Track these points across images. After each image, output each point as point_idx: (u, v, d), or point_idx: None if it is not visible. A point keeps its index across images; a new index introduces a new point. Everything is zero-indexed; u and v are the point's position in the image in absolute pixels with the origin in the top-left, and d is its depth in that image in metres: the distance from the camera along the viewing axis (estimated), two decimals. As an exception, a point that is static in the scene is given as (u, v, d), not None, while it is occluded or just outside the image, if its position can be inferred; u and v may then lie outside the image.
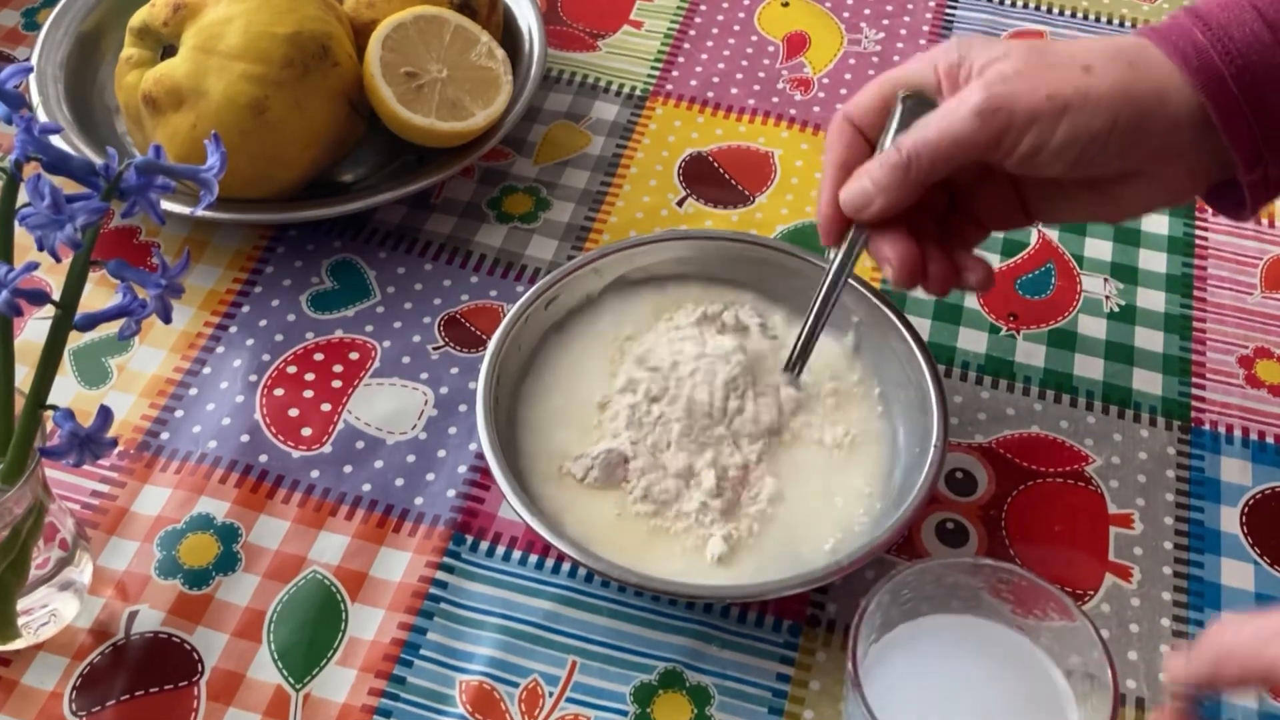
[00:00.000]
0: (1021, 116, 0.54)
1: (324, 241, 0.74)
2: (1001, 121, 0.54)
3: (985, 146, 0.55)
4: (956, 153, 0.55)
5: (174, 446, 0.64)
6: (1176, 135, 0.54)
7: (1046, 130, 0.54)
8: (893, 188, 0.56)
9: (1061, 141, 0.54)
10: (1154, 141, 0.54)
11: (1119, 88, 0.54)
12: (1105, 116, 0.53)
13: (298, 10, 0.70)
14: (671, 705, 0.56)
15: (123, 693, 0.56)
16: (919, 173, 0.56)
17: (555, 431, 0.62)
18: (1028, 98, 0.54)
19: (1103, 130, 0.54)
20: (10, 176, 0.50)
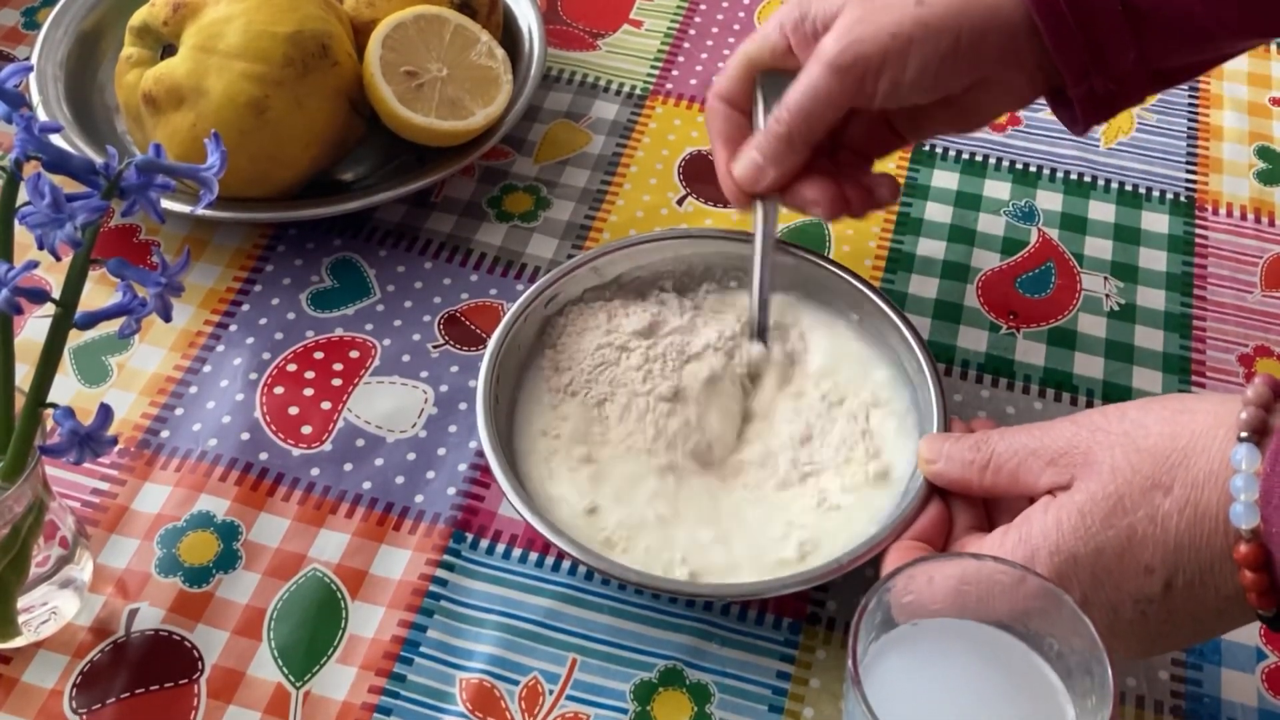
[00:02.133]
0: (874, 61, 0.58)
1: (324, 240, 0.74)
2: (859, 71, 0.58)
3: (850, 95, 0.59)
4: (828, 110, 0.60)
5: (174, 444, 0.65)
6: (1013, 43, 0.57)
7: (898, 67, 0.57)
8: (781, 156, 0.61)
9: (915, 73, 0.57)
10: (994, 51, 0.58)
11: (953, 8, 0.57)
12: (948, 39, 0.57)
13: (298, 9, 0.70)
14: (672, 703, 0.57)
15: (123, 690, 0.56)
16: (800, 137, 0.61)
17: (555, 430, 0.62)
18: (874, 41, 0.57)
19: (949, 52, 0.57)
20: (10, 175, 0.50)
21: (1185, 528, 0.47)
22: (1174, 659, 0.58)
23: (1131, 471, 0.48)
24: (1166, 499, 0.47)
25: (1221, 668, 0.58)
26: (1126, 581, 0.48)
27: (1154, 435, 0.48)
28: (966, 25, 0.57)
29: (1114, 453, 0.49)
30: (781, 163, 0.61)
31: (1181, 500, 0.47)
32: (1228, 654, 0.59)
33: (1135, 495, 0.48)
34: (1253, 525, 0.45)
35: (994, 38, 0.57)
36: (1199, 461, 0.47)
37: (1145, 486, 0.48)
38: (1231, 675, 0.58)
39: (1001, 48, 0.57)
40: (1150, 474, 0.48)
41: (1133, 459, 0.48)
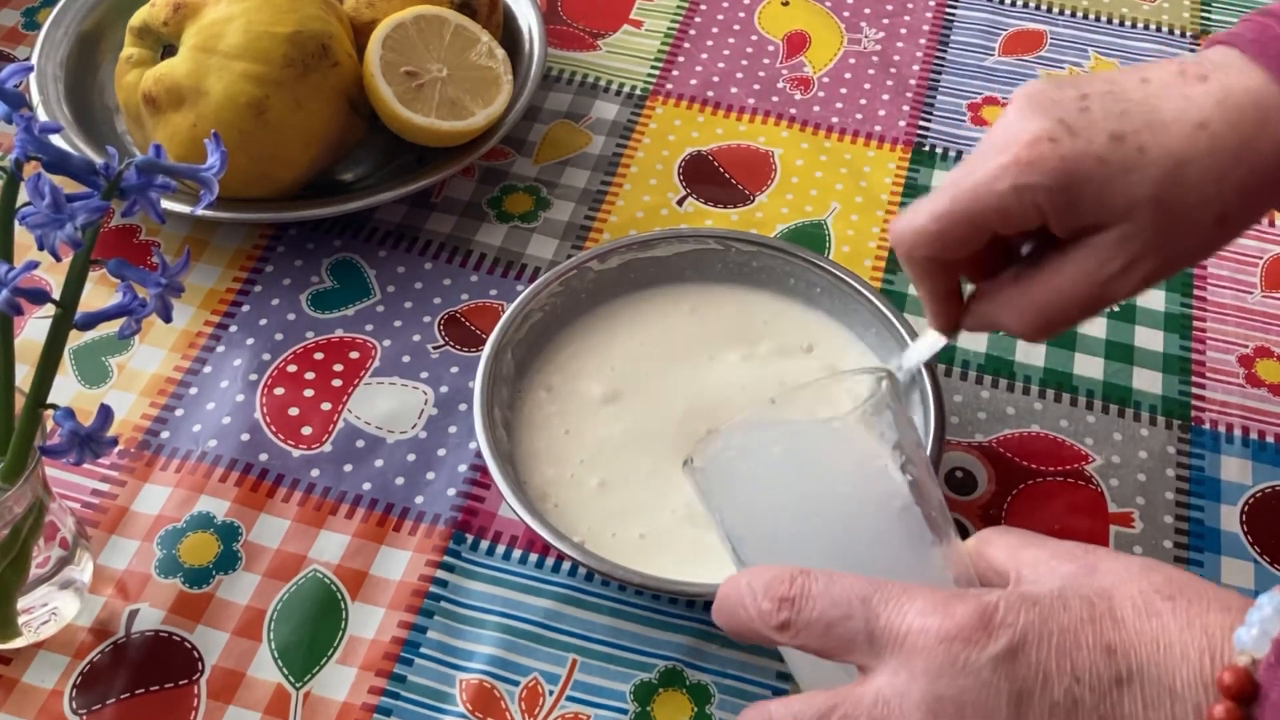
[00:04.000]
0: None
1: (324, 240, 0.74)
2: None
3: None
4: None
5: (174, 445, 0.65)
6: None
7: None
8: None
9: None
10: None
11: (1240, 168, 0.50)
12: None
13: (298, 10, 0.70)
14: (672, 704, 0.57)
15: (123, 691, 0.56)
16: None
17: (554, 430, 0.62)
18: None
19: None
20: (10, 175, 0.50)
21: None
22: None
23: None
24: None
25: (1222, 668, 0.58)
26: None
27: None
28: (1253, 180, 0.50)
29: None
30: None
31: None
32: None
33: None
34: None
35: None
36: None
37: None
38: (1232, 676, 0.58)
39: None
40: None
41: None
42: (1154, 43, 0.88)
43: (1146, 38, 0.88)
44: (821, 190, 0.78)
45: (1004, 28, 0.89)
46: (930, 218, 0.52)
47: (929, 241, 0.53)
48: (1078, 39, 0.88)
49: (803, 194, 0.77)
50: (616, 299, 0.67)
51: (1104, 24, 0.89)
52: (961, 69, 0.86)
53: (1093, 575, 0.43)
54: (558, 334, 0.66)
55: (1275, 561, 0.62)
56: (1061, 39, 0.88)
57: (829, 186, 0.78)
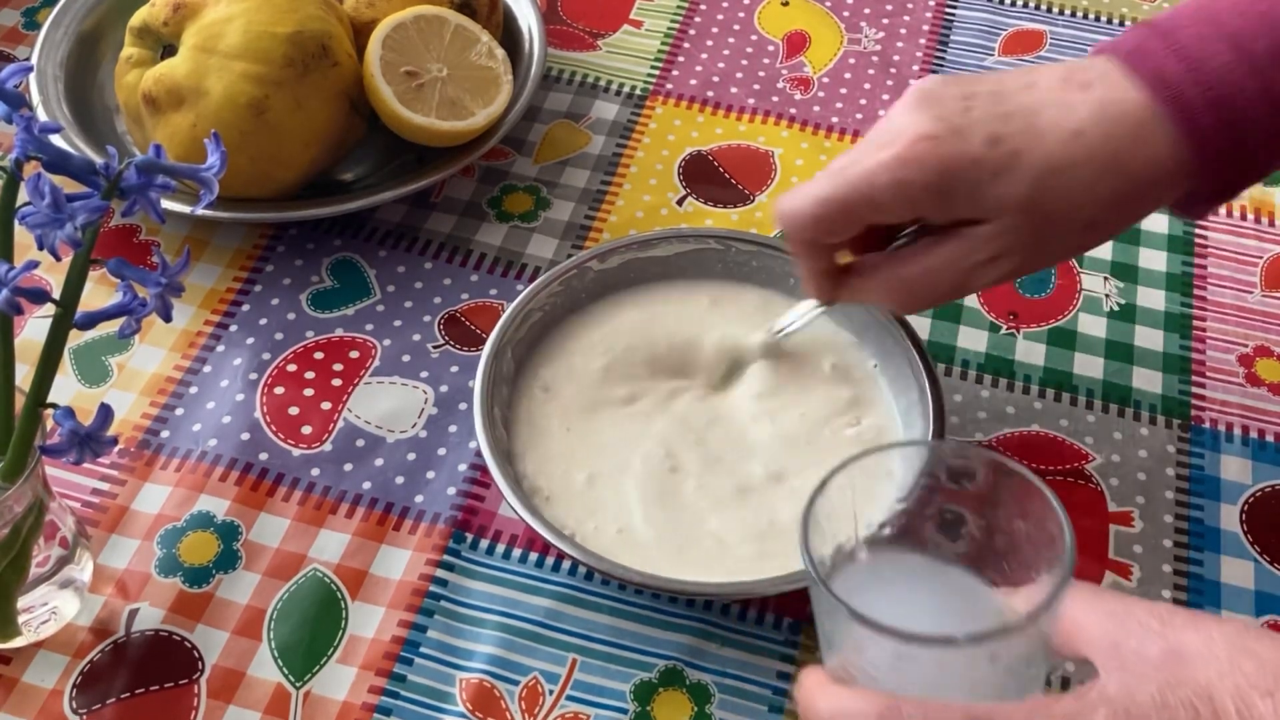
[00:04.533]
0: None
1: (324, 240, 0.74)
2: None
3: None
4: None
5: (174, 445, 0.65)
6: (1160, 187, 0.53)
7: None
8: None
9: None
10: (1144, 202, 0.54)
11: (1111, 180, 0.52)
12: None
13: (298, 10, 0.70)
14: (672, 703, 0.57)
15: (123, 690, 0.56)
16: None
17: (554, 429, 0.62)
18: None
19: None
20: (10, 175, 0.50)
21: None
22: (1174, 659, 0.58)
23: None
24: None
25: (1221, 668, 0.58)
26: None
27: None
28: (1124, 190, 0.52)
29: None
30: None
31: None
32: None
33: None
34: None
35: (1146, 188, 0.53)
36: None
37: None
38: (1231, 675, 0.58)
39: (1152, 196, 0.53)
40: None
41: None
42: (1154, 42, 0.88)
43: (1146, 37, 0.88)
44: (821, 190, 0.78)
45: (1004, 28, 0.89)
46: (813, 202, 0.54)
47: (809, 225, 0.55)
48: (1078, 39, 0.88)
49: (803, 194, 0.77)
50: (616, 298, 0.67)
51: (1104, 24, 0.89)
52: (961, 69, 0.86)
53: (1183, 664, 0.42)
54: (558, 333, 0.66)
55: (1275, 561, 0.62)
56: (1061, 39, 0.88)
57: (829, 186, 0.78)
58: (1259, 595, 0.61)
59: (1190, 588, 0.61)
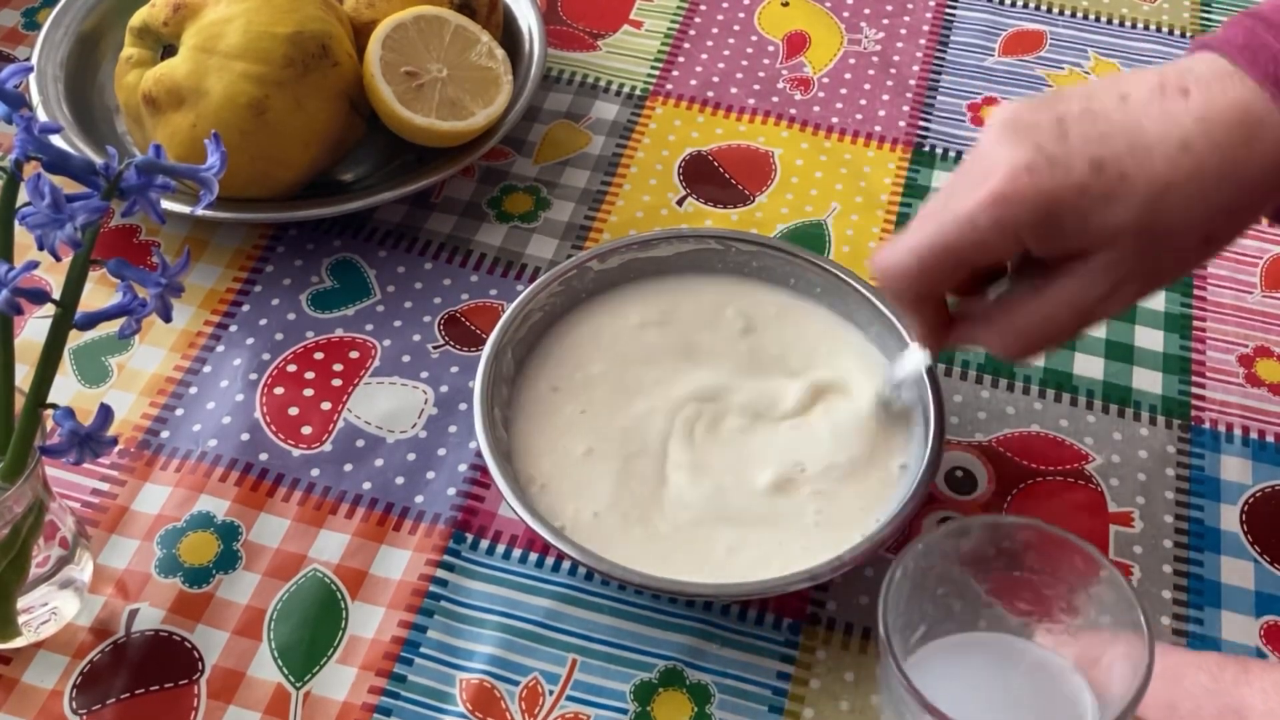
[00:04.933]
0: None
1: (324, 240, 0.74)
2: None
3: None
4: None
5: (174, 445, 0.65)
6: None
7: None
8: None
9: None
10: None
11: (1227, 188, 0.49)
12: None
13: (298, 10, 0.70)
14: (672, 703, 0.56)
15: (123, 691, 0.56)
16: None
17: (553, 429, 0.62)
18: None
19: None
20: (10, 176, 0.50)
21: None
22: (1174, 659, 0.58)
23: None
24: None
25: (1221, 668, 0.58)
26: None
27: None
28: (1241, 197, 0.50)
29: None
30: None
31: None
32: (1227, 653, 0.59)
33: None
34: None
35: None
36: None
37: None
38: (1231, 675, 0.58)
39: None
40: None
41: None
42: (1154, 43, 0.88)
43: (1146, 38, 0.88)
44: (821, 190, 0.78)
45: (1004, 28, 0.89)
46: (911, 254, 0.51)
47: (912, 279, 0.52)
48: (1078, 39, 0.88)
49: (803, 194, 0.77)
50: (616, 298, 0.67)
51: (1104, 24, 0.89)
52: (961, 69, 0.86)
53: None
54: (558, 333, 0.66)
55: (1275, 561, 0.62)
56: (1061, 39, 0.88)
57: (829, 186, 0.78)
58: (1259, 595, 0.61)
59: (1190, 588, 0.61)
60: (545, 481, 0.60)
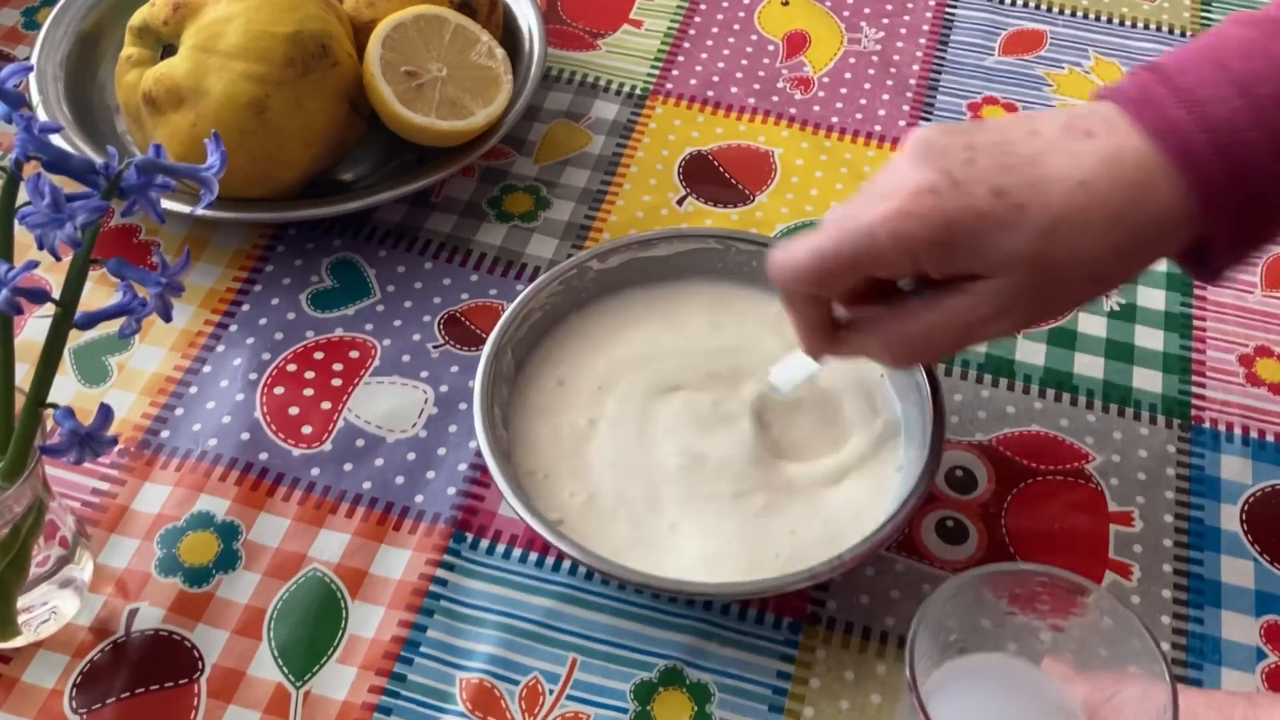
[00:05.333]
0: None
1: (324, 240, 0.74)
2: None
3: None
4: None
5: (174, 444, 0.65)
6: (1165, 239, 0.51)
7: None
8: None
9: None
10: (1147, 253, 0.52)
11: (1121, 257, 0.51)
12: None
13: (298, 9, 0.70)
14: (672, 703, 0.57)
15: (123, 690, 0.56)
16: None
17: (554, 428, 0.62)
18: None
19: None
20: (10, 175, 0.50)
21: None
22: (1175, 659, 0.58)
23: None
24: None
25: (1221, 667, 0.58)
26: None
27: None
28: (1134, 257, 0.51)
29: None
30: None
31: None
32: (1228, 654, 0.59)
33: None
34: None
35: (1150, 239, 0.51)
36: None
37: None
38: (1231, 675, 0.58)
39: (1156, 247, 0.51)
40: None
41: None
42: (1154, 42, 0.88)
43: (1146, 37, 0.88)
44: (821, 190, 0.78)
45: (1004, 28, 0.89)
46: (810, 255, 0.52)
47: (806, 279, 0.53)
48: (1078, 39, 0.88)
49: (803, 194, 0.78)
50: (616, 298, 0.67)
51: (1104, 24, 0.89)
52: (961, 69, 0.86)
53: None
54: (558, 333, 0.66)
55: (1275, 560, 0.62)
56: (1061, 39, 0.88)
57: (829, 186, 0.78)
58: (1259, 595, 0.61)
59: (1190, 588, 0.61)
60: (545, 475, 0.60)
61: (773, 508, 0.60)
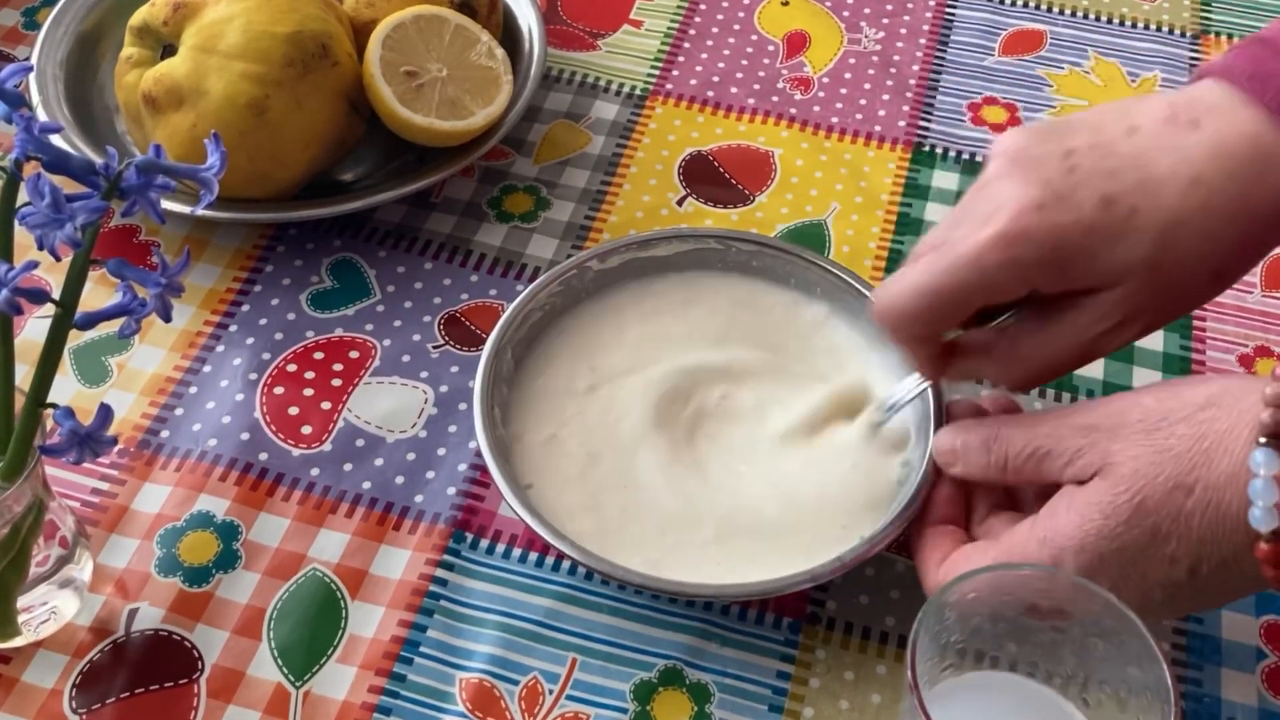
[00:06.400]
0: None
1: (324, 240, 0.74)
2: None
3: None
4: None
5: (174, 444, 0.65)
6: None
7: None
8: (978, 475, 0.55)
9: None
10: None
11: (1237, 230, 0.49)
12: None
13: (298, 9, 0.70)
14: (671, 703, 0.57)
15: (123, 690, 0.56)
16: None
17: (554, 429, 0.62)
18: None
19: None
20: (10, 175, 0.50)
21: (1207, 525, 0.46)
22: (1175, 659, 0.58)
23: (1154, 473, 0.47)
24: (1189, 499, 0.46)
25: (1221, 668, 0.58)
26: (1153, 571, 0.48)
27: (1176, 436, 0.47)
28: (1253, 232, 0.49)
29: (1136, 455, 0.48)
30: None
31: (1203, 501, 0.46)
32: (1228, 654, 0.59)
33: (1158, 497, 0.47)
34: (1271, 529, 0.45)
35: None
36: (1220, 463, 0.46)
37: (1168, 488, 0.47)
38: (1231, 675, 0.58)
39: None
40: (1172, 475, 0.47)
41: (1155, 460, 0.47)
42: (1154, 42, 0.88)
43: (1147, 37, 0.88)
44: (821, 190, 0.78)
45: (1004, 28, 0.89)
46: (915, 294, 0.51)
47: (914, 319, 0.52)
48: (1078, 39, 0.88)
49: (803, 194, 0.78)
50: (616, 298, 0.67)
51: (1104, 24, 0.89)
52: (961, 69, 0.86)
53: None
54: (557, 333, 0.66)
55: (1275, 561, 0.62)
56: (1061, 39, 0.88)
57: (829, 186, 0.78)
58: (1259, 595, 0.61)
59: (1190, 588, 0.61)
60: (544, 480, 0.60)
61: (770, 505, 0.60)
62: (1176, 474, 0.47)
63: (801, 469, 0.61)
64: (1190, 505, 0.46)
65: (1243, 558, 0.46)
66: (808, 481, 0.60)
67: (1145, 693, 0.45)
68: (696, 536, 0.59)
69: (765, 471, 0.61)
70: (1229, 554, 0.47)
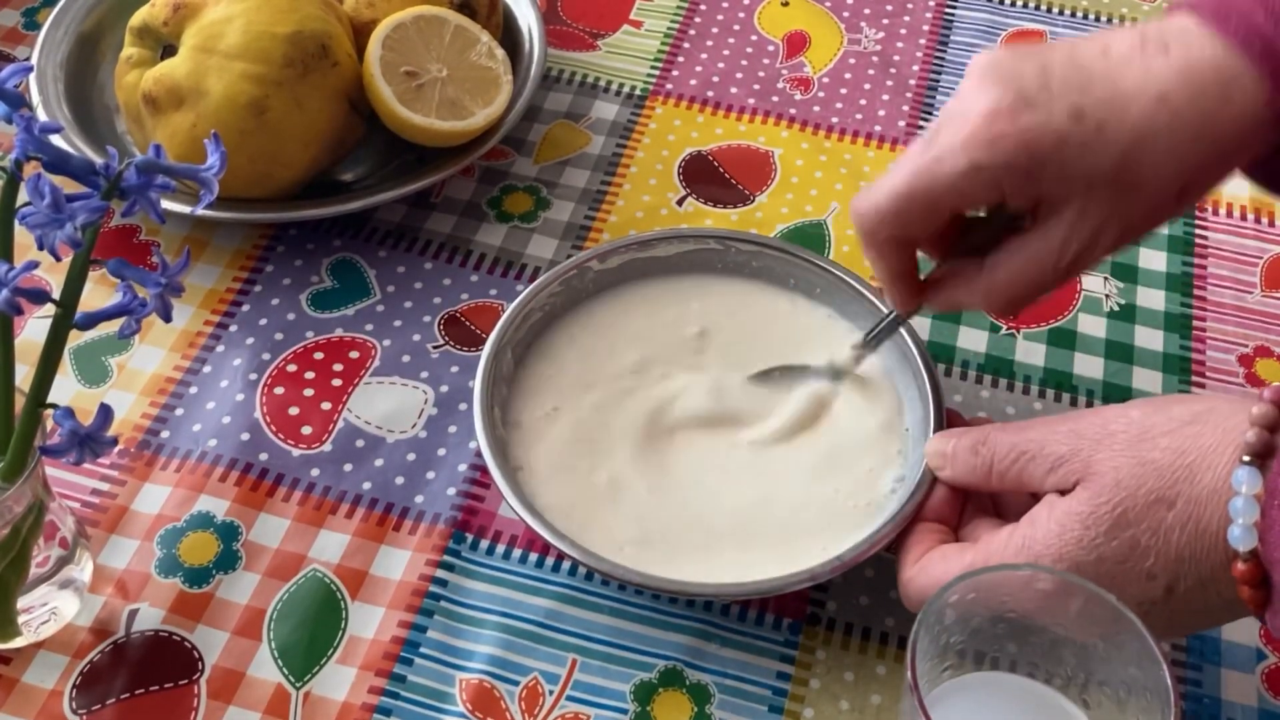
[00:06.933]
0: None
1: (324, 240, 0.74)
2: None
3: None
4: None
5: (174, 445, 0.65)
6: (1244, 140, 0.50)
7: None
8: (964, 478, 0.55)
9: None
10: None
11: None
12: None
13: (298, 10, 0.70)
14: (672, 703, 0.57)
15: (123, 691, 0.56)
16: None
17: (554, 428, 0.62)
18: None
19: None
20: (10, 176, 0.50)
21: (1186, 541, 0.47)
22: (1175, 660, 0.58)
23: (1136, 484, 0.48)
24: (1169, 513, 0.47)
25: (1221, 668, 0.58)
26: (1130, 586, 0.48)
27: (1160, 449, 0.48)
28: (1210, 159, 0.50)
29: (1118, 465, 0.48)
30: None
31: (1184, 516, 0.47)
32: (1228, 654, 0.59)
33: (1139, 509, 0.47)
34: (1250, 548, 0.45)
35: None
36: (1203, 479, 0.47)
37: (1149, 500, 0.47)
38: (1231, 675, 0.58)
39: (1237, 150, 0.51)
40: (1154, 488, 0.47)
41: (1137, 472, 0.48)
42: (1154, 43, 0.88)
43: (1146, 38, 0.88)
44: (821, 190, 0.78)
45: (1004, 28, 0.89)
46: (890, 196, 0.52)
47: (890, 221, 0.53)
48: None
49: (803, 194, 0.78)
50: (616, 298, 0.67)
51: (1104, 24, 0.89)
52: (961, 69, 0.86)
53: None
54: (557, 333, 0.66)
55: (1275, 561, 0.62)
56: (1061, 39, 0.88)
57: (829, 186, 0.78)
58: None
59: (1190, 588, 0.61)
60: (543, 478, 0.60)
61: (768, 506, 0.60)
62: (1159, 487, 0.47)
63: (800, 469, 0.61)
64: (1171, 519, 0.47)
65: (1220, 578, 0.47)
66: (806, 481, 0.60)
67: (1145, 693, 0.45)
68: (697, 537, 0.59)
69: (764, 471, 0.61)
70: (1206, 574, 0.47)
